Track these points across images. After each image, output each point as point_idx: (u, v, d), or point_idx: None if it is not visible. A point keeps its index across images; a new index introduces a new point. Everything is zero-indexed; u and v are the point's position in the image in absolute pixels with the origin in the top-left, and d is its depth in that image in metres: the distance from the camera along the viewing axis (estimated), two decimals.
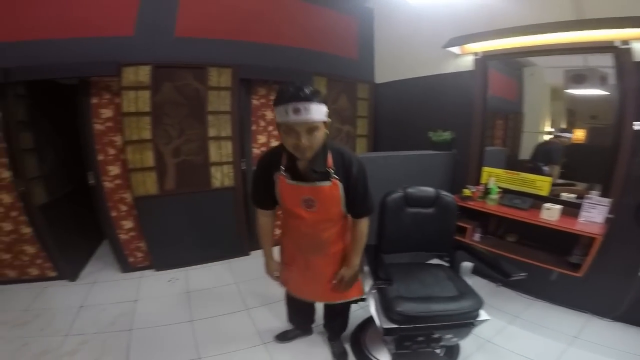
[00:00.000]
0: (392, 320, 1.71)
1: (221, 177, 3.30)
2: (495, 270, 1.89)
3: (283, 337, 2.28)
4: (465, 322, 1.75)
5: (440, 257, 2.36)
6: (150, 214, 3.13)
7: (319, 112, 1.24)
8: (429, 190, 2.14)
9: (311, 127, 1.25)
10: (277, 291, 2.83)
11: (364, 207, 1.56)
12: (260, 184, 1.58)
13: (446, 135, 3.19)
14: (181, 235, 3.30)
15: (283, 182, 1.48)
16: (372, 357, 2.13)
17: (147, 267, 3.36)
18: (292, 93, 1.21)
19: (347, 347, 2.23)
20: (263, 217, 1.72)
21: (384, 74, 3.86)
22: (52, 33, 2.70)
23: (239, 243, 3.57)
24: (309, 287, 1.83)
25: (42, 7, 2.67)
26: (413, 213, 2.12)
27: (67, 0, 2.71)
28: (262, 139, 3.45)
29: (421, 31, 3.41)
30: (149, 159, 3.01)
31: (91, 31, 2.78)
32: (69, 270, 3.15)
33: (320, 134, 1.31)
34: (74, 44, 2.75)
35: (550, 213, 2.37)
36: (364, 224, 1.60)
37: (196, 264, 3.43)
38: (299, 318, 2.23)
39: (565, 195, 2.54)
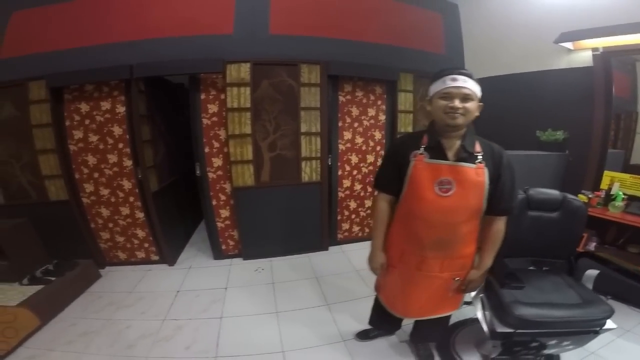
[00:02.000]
0: (507, 325, 1.62)
1: (310, 171, 3.38)
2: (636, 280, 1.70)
3: (364, 335, 2.22)
4: (589, 330, 1.63)
5: (553, 265, 2.19)
6: (245, 205, 3.30)
7: (474, 86, 1.32)
8: (555, 193, 1.97)
9: (466, 96, 1.31)
10: (358, 289, 2.87)
11: (509, 203, 1.45)
12: (391, 164, 1.54)
13: (558, 134, 2.96)
14: (269, 227, 3.44)
15: (420, 161, 1.42)
16: None
17: (236, 255, 3.54)
18: (451, 69, 1.35)
19: (433, 349, 2.13)
20: (383, 202, 1.60)
21: (476, 70, 3.66)
22: (166, 32, 3.00)
23: (319, 238, 3.62)
24: (407, 297, 1.67)
25: (157, 7, 2.98)
26: (534, 217, 1.97)
27: (176, 2, 3.00)
28: (347, 135, 3.48)
29: (520, 27, 3.24)
30: (248, 152, 3.17)
31: (198, 30, 3.03)
32: (169, 255, 3.41)
33: (473, 107, 1.33)
34: (185, 42, 3.02)
35: None
36: (502, 223, 1.49)
37: (279, 256, 3.54)
38: (384, 325, 2.12)
39: None
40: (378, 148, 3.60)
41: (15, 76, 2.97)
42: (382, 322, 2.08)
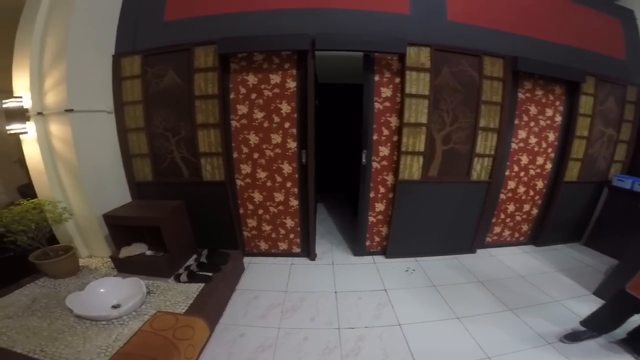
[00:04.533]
0: None
1: (480, 169, 2.54)
2: None
3: (574, 337, 1.74)
4: None
5: None
6: (405, 200, 2.49)
7: None
8: None
9: None
10: (536, 295, 2.20)
11: None
12: None
13: None
14: (422, 225, 2.61)
15: None
16: None
17: (378, 252, 2.73)
18: None
19: None
20: None
21: None
22: (344, 2, 2.25)
23: (470, 240, 2.77)
24: None
25: None
26: None
27: None
28: (522, 134, 2.62)
29: None
30: (421, 143, 2.36)
31: (375, 4, 2.28)
32: (307, 247, 2.63)
33: None
34: (361, 17, 2.28)
35: None
36: None
37: (424, 255, 2.71)
38: (607, 325, 1.72)
39: None
40: (549, 150, 2.71)
41: (179, 40, 2.25)
42: (609, 322, 1.71)
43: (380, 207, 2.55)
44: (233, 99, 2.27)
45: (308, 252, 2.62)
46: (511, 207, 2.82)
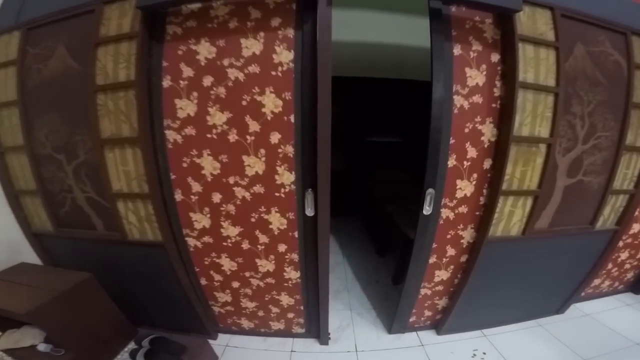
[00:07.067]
0: None
1: (608, 213, 1.38)
2: None
3: None
4: None
5: None
6: (490, 266, 1.33)
7: None
8: None
9: None
10: None
11: None
12: None
13: None
14: (505, 292, 1.51)
15: None
16: None
17: (425, 327, 1.62)
18: None
19: None
20: None
21: None
22: None
23: (562, 298, 1.68)
24: None
25: None
26: None
27: None
28: None
29: None
30: (535, 173, 1.17)
31: None
32: (316, 326, 1.51)
33: None
34: None
35: None
36: None
37: (493, 326, 1.62)
38: None
39: None
40: None
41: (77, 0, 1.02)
42: None
43: (442, 275, 1.40)
44: (168, 89, 1.05)
45: (317, 332, 1.52)
46: (624, 255, 1.68)
